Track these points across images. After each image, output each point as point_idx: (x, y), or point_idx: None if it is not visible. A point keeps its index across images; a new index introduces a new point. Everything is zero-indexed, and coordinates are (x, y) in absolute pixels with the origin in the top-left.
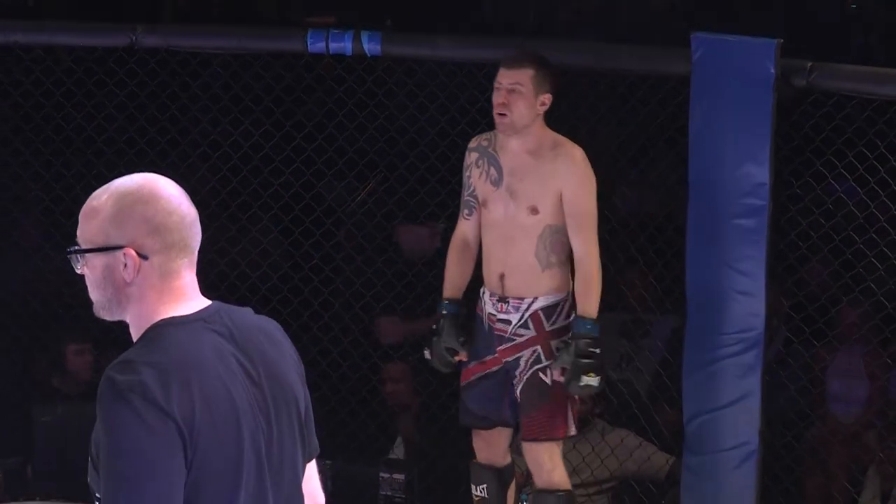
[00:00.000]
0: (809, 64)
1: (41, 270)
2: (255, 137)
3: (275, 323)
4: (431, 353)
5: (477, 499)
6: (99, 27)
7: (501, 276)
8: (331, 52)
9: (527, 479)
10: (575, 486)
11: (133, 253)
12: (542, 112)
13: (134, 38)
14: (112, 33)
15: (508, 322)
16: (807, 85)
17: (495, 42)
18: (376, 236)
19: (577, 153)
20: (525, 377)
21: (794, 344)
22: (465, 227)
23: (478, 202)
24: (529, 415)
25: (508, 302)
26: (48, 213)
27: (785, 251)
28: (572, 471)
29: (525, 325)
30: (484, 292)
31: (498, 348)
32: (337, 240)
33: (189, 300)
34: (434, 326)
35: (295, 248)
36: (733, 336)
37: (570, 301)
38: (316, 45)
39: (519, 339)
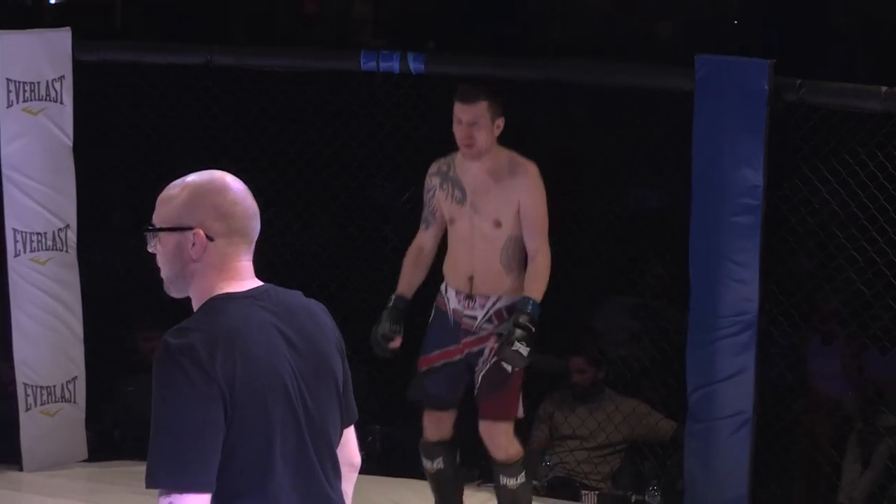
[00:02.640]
0: (798, 81)
1: (127, 261)
2: (316, 145)
3: (320, 304)
4: (371, 340)
5: (433, 471)
6: (179, 47)
7: (470, 278)
8: (381, 70)
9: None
10: (591, 448)
11: (202, 233)
12: (497, 135)
13: (210, 57)
14: (190, 53)
15: (475, 318)
16: (796, 99)
17: (525, 63)
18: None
19: (532, 168)
20: (487, 366)
21: (783, 326)
22: (421, 238)
23: (435, 219)
24: (488, 399)
25: (475, 300)
26: (134, 211)
27: (776, 245)
28: (589, 434)
29: (489, 321)
30: (448, 290)
31: (463, 340)
32: (385, 234)
33: (243, 280)
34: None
35: (349, 241)
36: (730, 319)
37: None
38: (368, 64)
39: (483, 333)
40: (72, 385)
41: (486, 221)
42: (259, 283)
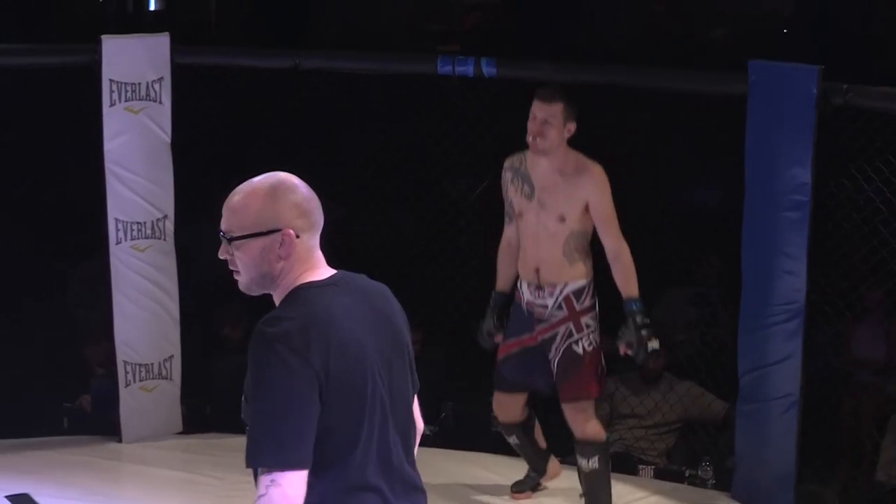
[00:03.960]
0: (845, 86)
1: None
2: (396, 143)
3: (386, 287)
4: (477, 335)
5: (511, 444)
6: (269, 52)
7: (537, 270)
8: (456, 74)
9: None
10: (649, 426)
11: (291, 232)
12: (568, 138)
13: (297, 61)
14: (279, 57)
15: (545, 306)
16: (843, 103)
17: (589, 68)
18: (490, 223)
19: (597, 169)
20: (561, 350)
21: (829, 314)
22: (507, 233)
23: (514, 212)
24: (565, 381)
25: (544, 289)
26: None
27: (822, 238)
28: (646, 413)
29: (559, 308)
30: (521, 284)
31: (536, 328)
32: (459, 225)
33: (321, 269)
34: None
35: (426, 231)
36: (779, 307)
37: (592, 285)
38: (444, 68)
39: (554, 319)
40: (168, 363)
41: (552, 217)
42: (333, 270)
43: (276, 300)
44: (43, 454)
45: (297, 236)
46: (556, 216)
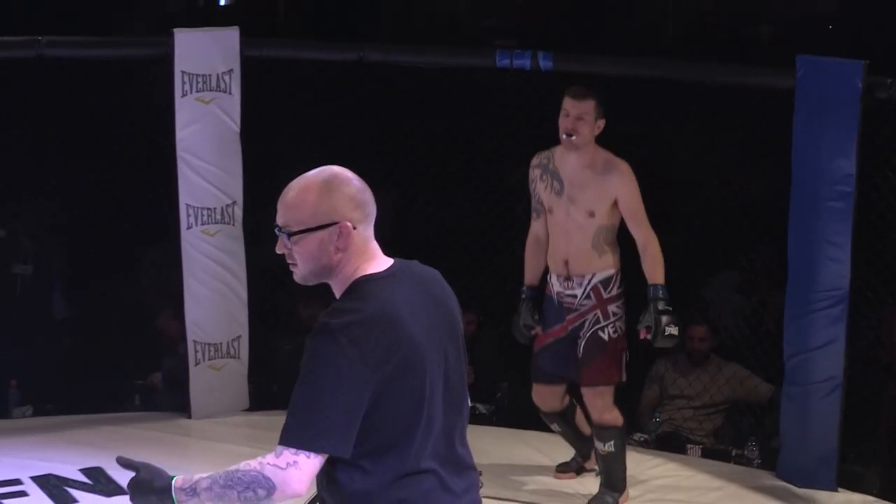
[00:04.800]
0: (889, 80)
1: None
2: (454, 134)
3: (437, 271)
4: (513, 329)
5: (555, 431)
6: (334, 45)
7: (566, 262)
8: (514, 67)
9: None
10: (697, 407)
11: (348, 225)
12: (597, 134)
13: (362, 54)
14: (344, 50)
15: (575, 296)
16: (887, 97)
17: (641, 61)
18: None
19: (625, 166)
20: (587, 336)
21: (872, 300)
22: (535, 228)
23: (543, 208)
24: (587, 366)
25: (573, 280)
26: None
27: (866, 228)
28: (695, 395)
29: (587, 297)
30: (551, 276)
31: (567, 318)
32: (516, 212)
33: (379, 259)
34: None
35: (484, 219)
36: (824, 294)
37: (619, 275)
38: (502, 61)
39: (583, 308)
40: (236, 343)
41: (581, 212)
42: (390, 259)
43: (336, 290)
44: (115, 429)
45: (354, 228)
46: (586, 211)
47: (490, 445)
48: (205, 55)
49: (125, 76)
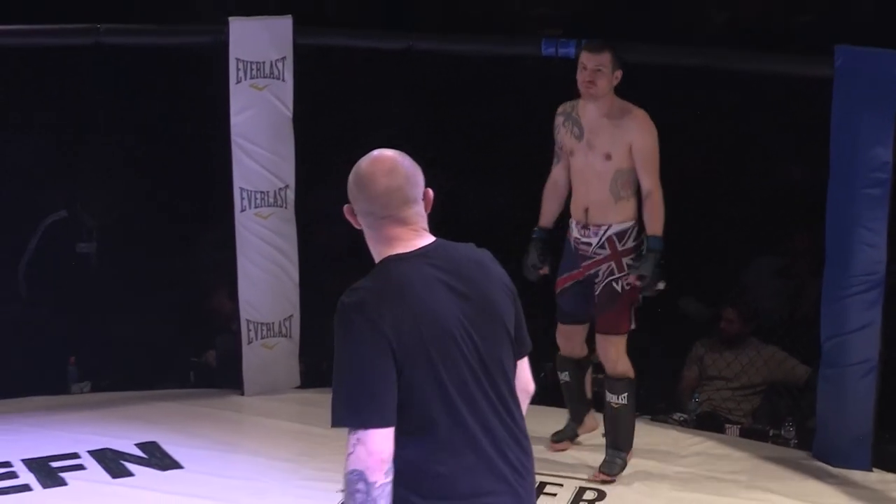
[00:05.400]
0: None
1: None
2: (500, 120)
3: (488, 253)
4: (523, 268)
5: (562, 382)
6: (384, 34)
7: (586, 210)
8: (559, 55)
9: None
10: (735, 387)
11: (358, 218)
12: (615, 84)
13: (411, 43)
14: (393, 39)
15: (590, 244)
16: None
17: (683, 50)
18: None
19: (641, 113)
20: (602, 285)
21: None
22: (555, 172)
23: (564, 153)
24: (602, 314)
25: (590, 228)
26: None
27: None
28: (733, 376)
29: (602, 247)
30: (571, 222)
31: (582, 264)
32: None
33: (414, 240)
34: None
35: (528, 202)
36: (860, 278)
37: (636, 228)
38: (548, 50)
39: (598, 257)
40: (288, 322)
41: (598, 155)
42: (429, 240)
43: None
44: (171, 405)
45: (382, 217)
46: (603, 155)
47: (547, 422)
48: (259, 43)
49: (182, 63)
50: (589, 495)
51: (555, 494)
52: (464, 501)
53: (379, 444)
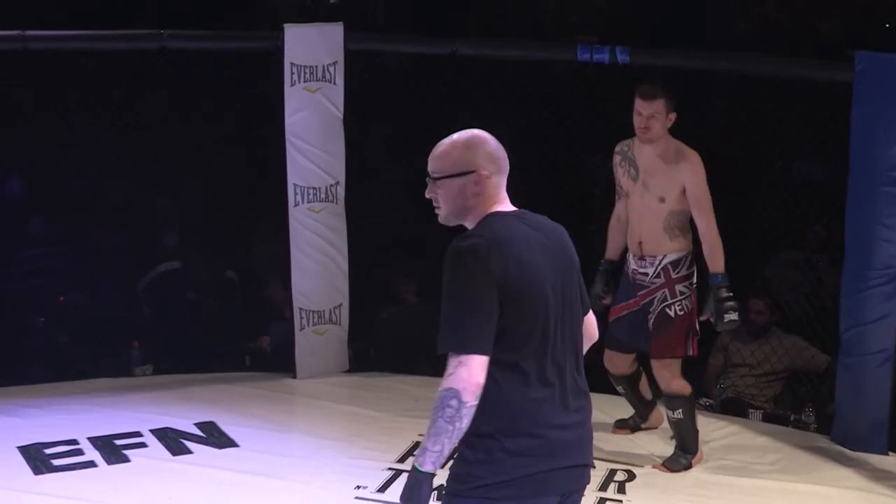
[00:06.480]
0: None
1: (384, 213)
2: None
3: (562, 227)
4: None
5: (621, 393)
6: (429, 39)
7: (640, 243)
8: (593, 60)
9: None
10: (758, 375)
11: (483, 174)
12: (669, 126)
13: (455, 48)
14: (438, 43)
15: (646, 274)
16: None
17: (711, 55)
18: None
19: (694, 157)
20: (656, 312)
21: None
22: (617, 209)
23: (623, 190)
24: (656, 339)
25: (646, 259)
26: (397, 183)
27: None
28: (757, 364)
29: (658, 276)
30: (628, 255)
31: (638, 293)
32: (594, 193)
33: (506, 204)
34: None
35: (566, 199)
36: (878, 272)
37: (689, 257)
38: (583, 55)
39: (653, 286)
40: (338, 310)
41: (653, 197)
42: (516, 207)
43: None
44: (227, 388)
45: (488, 177)
46: (657, 197)
47: None
48: (312, 48)
49: (239, 66)
50: (620, 476)
51: (589, 467)
52: (544, 430)
53: (476, 369)
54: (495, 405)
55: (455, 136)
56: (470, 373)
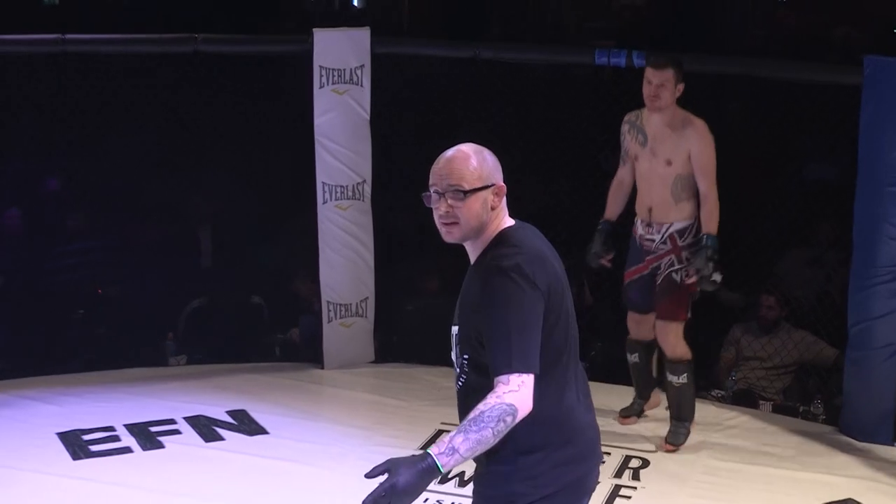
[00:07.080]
0: None
1: (409, 210)
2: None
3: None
4: (586, 256)
5: (631, 363)
6: (452, 44)
7: (649, 209)
8: (610, 64)
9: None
10: (769, 367)
11: (504, 186)
12: (677, 96)
13: (476, 52)
14: (461, 48)
15: (653, 240)
16: None
17: (726, 59)
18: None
19: (700, 124)
20: (663, 276)
21: None
22: (620, 173)
23: (628, 157)
24: (662, 302)
25: (653, 226)
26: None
27: None
28: (767, 357)
29: (664, 242)
30: (636, 221)
31: (646, 258)
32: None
33: (509, 217)
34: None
35: (581, 197)
36: (885, 269)
37: (695, 225)
38: (601, 59)
39: (660, 251)
40: (364, 304)
41: (661, 161)
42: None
43: (478, 246)
44: (258, 377)
45: (504, 189)
46: (665, 161)
47: (597, 397)
48: (340, 52)
49: (270, 69)
50: (634, 463)
51: (603, 462)
52: (580, 434)
53: (532, 388)
54: (541, 419)
55: (465, 147)
56: (531, 395)
